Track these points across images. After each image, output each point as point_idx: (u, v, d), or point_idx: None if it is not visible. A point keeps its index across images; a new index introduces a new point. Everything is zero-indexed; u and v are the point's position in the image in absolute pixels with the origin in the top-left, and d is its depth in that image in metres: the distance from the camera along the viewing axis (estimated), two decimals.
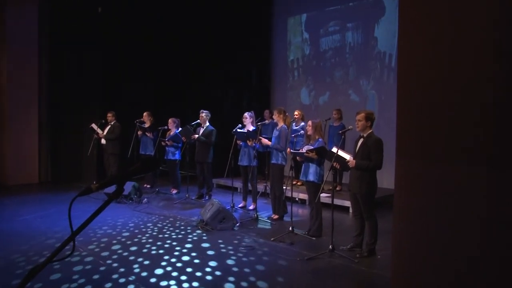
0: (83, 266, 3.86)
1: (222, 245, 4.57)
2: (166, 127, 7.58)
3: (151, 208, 6.38)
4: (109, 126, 7.96)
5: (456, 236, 2.03)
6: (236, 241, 4.75)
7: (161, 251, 4.34)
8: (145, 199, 6.86)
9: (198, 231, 5.12)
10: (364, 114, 4.16)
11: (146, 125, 7.86)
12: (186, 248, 4.47)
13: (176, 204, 6.77)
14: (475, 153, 1.95)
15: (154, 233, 5.04)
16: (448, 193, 2.05)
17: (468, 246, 1.96)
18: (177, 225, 5.44)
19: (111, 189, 1.42)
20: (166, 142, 7.37)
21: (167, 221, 5.64)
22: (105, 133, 7.90)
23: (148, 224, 5.45)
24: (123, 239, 4.76)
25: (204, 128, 7.03)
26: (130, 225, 5.42)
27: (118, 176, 1.34)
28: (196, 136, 6.91)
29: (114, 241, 4.68)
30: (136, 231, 5.15)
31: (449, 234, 2.06)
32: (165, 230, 5.19)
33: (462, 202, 2.00)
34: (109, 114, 7.97)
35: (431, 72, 2.15)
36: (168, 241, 4.70)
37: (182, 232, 5.09)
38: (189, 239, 4.81)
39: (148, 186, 8.11)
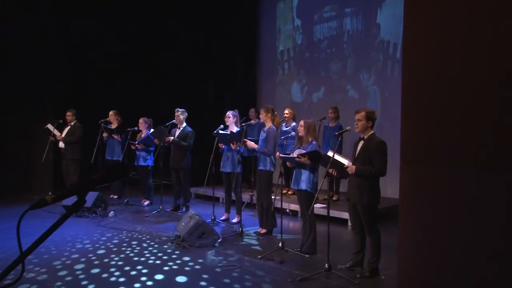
0: None
1: (201, 264, 4.54)
2: (136, 128, 7.54)
3: (118, 223, 6.31)
4: (69, 127, 7.85)
5: (471, 248, 2.05)
6: (217, 260, 4.73)
7: (129, 273, 4.28)
8: (112, 212, 6.78)
9: (174, 248, 5.09)
10: (364, 113, 4.20)
11: (113, 126, 7.79)
12: (158, 268, 4.42)
13: (148, 217, 6.73)
14: (491, 158, 1.98)
15: (122, 253, 4.97)
16: (462, 202, 2.07)
17: (486, 259, 1.99)
18: (149, 241, 5.39)
19: (70, 200, 1.40)
20: (136, 145, 7.32)
21: (137, 237, 5.60)
22: (63, 135, 7.80)
23: (114, 241, 5.40)
24: (84, 259, 4.70)
25: (181, 129, 7.00)
26: (93, 243, 5.34)
27: (79, 185, 1.32)
28: (171, 138, 6.88)
29: (73, 263, 4.60)
30: (100, 250, 5.08)
31: (463, 247, 2.08)
32: (134, 247, 5.14)
33: (478, 213, 2.03)
34: (68, 113, 7.86)
35: (441, 67, 2.18)
36: (138, 260, 4.65)
37: (155, 250, 5.04)
38: (163, 258, 4.77)
39: (115, 197, 8.04)
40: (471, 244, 2.02)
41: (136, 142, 7.36)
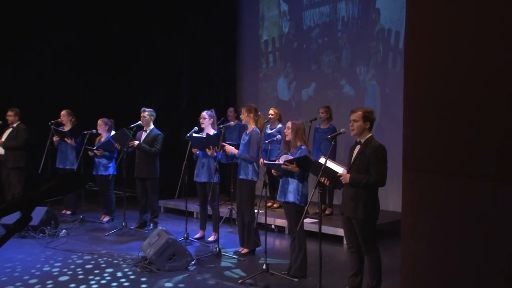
0: None
1: None
2: (94, 130, 7.47)
3: (72, 244, 6.23)
4: (10, 129, 7.72)
5: (484, 270, 2.08)
6: (191, 285, 4.68)
7: None
8: (63, 231, 6.69)
9: (139, 273, 5.03)
10: (361, 113, 4.24)
11: (66, 128, 7.71)
12: None
13: (108, 236, 6.67)
14: (505, 167, 2.01)
15: (76, 281, 4.89)
16: (474, 216, 2.10)
17: (503, 284, 2.02)
18: (109, 265, 5.33)
19: (11, 218, 1.36)
20: (95, 151, 7.24)
21: (95, 261, 5.53)
22: (3, 139, 7.66)
23: (67, 266, 5.31)
24: None
25: (148, 132, 6.97)
26: (40, 269, 5.24)
27: (23, 199, 1.29)
28: (137, 143, 6.83)
29: None
30: (48, 278, 4.98)
31: (475, 269, 2.11)
32: (91, 273, 5.07)
33: (492, 229, 2.05)
34: (9, 113, 7.72)
35: (448, 63, 2.21)
36: None
37: (117, 275, 4.98)
38: (126, 285, 4.71)
39: (68, 212, 7.94)
40: (484, 265, 2.05)
41: (95, 148, 7.29)
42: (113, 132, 7.39)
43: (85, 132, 7.44)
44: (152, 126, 7.01)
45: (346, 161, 4.36)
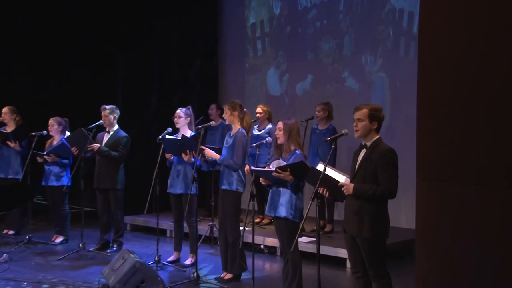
0: None
1: None
2: (44, 132, 7.41)
3: (15, 271, 6.15)
4: None
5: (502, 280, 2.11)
6: None
7: None
8: (4, 255, 6.61)
9: None
10: (367, 111, 4.25)
11: (8, 129, 7.64)
12: None
13: (62, 261, 6.61)
14: None
15: None
16: (496, 229, 2.12)
17: None
18: None
19: None
20: (45, 157, 7.19)
21: None
22: None
23: None
24: None
25: (111, 134, 6.94)
26: None
27: None
28: (97, 146, 6.80)
29: None
30: None
31: (492, 280, 2.14)
32: None
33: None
34: None
35: (465, 60, 2.24)
36: None
37: None
38: None
39: (11, 232, 7.85)
40: (504, 275, 2.07)
41: (45, 152, 7.22)
42: (68, 134, 7.33)
43: (33, 133, 7.37)
44: (116, 127, 6.97)
45: (349, 168, 4.37)
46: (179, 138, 6.09)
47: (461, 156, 2.25)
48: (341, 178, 4.30)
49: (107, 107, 6.95)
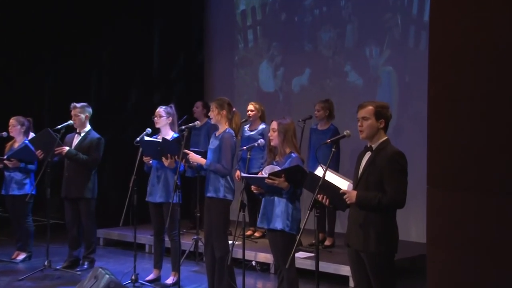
0: None
1: None
2: (4, 133, 7.41)
3: None
4: None
5: None
6: None
7: None
8: None
9: None
10: (372, 109, 4.24)
11: None
12: None
13: (24, 281, 6.57)
14: None
15: None
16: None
17: None
18: None
19: None
20: (6, 161, 7.15)
21: None
22: None
23: None
24: None
25: (82, 135, 6.92)
26: None
27: None
28: (66, 149, 6.77)
29: None
30: None
31: None
32: None
33: None
34: None
35: (484, 52, 2.24)
36: None
37: None
38: None
39: None
40: None
41: (5, 157, 7.19)
42: (32, 135, 7.29)
43: None
44: (88, 127, 6.95)
45: (352, 173, 4.38)
46: (160, 140, 6.07)
47: (477, 161, 2.25)
48: (343, 184, 4.30)
49: (78, 105, 6.91)
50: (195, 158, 5.79)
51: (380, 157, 4.16)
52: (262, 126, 7.41)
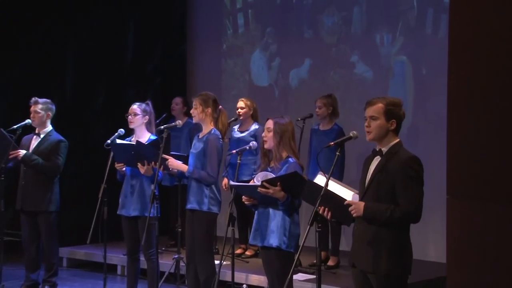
0: None
1: None
2: None
3: None
4: None
5: None
6: None
7: None
8: None
9: None
10: (382, 106, 4.25)
11: None
12: None
13: None
14: None
15: None
16: None
17: None
18: None
19: None
20: None
21: None
22: None
23: None
24: None
25: (43, 137, 6.90)
26: None
27: None
28: (23, 153, 6.76)
29: None
30: None
31: None
32: None
33: None
34: None
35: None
36: None
37: None
38: None
39: None
40: None
41: None
42: None
43: None
44: (49, 128, 6.94)
45: (358, 181, 4.40)
46: (134, 143, 6.07)
47: (503, 169, 2.28)
48: (348, 194, 4.31)
49: (40, 100, 6.89)
50: (175, 164, 5.79)
51: (391, 163, 4.17)
52: (254, 126, 7.41)
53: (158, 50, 9.93)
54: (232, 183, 5.30)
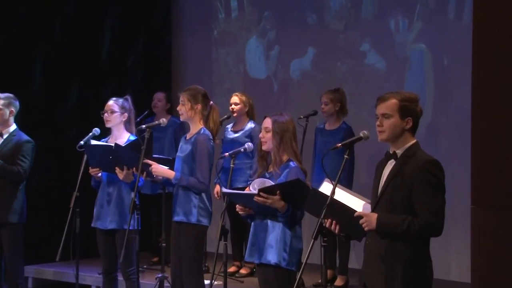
0: None
1: None
2: None
3: None
4: None
5: None
6: None
7: None
8: None
9: None
10: (396, 102, 4.25)
11: None
12: None
13: None
14: None
15: None
16: None
17: None
18: None
19: None
20: None
21: None
22: None
23: None
24: None
25: (5, 137, 6.90)
26: None
27: None
28: None
29: None
30: None
31: None
32: None
33: None
34: None
35: None
36: None
37: None
38: None
39: None
40: None
41: None
42: None
43: None
44: (13, 127, 6.94)
45: (370, 189, 4.40)
46: (111, 145, 6.06)
47: None
48: (358, 204, 4.32)
49: (1, 95, 6.89)
50: (160, 170, 5.78)
51: (407, 167, 4.17)
52: (250, 125, 7.42)
53: (140, 39, 9.90)
54: (224, 190, 5.28)
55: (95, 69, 9.56)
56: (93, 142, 6.15)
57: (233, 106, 7.47)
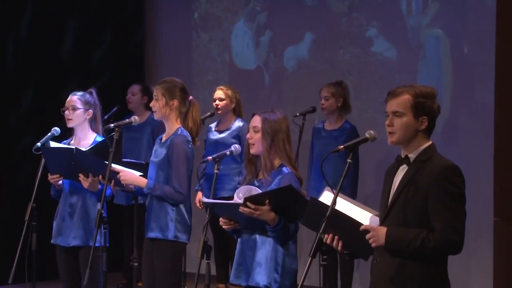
0: None
1: None
2: None
3: None
4: None
5: None
6: None
7: None
8: None
9: None
10: (409, 98, 4.25)
11: None
12: None
13: None
14: None
15: None
16: None
17: None
18: None
19: None
20: None
21: None
22: None
23: None
24: None
25: None
26: None
27: None
28: None
29: None
30: None
31: None
32: None
33: None
34: None
35: None
36: None
37: None
38: None
39: None
40: None
41: None
42: None
43: None
44: None
45: (377, 199, 4.40)
46: (73, 148, 6.05)
47: None
48: (364, 216, 4.32)
49: None
50: (129, 177, 5.77)
51: (422, 174, 4.18)
52: (237, 123, 7.43)
53: (107, 22, 9.91)
54: (205, 200, 5.28)
55: (53, 53, 9.54)
56: (53, 144, 6.12)
57: (217, 101, 7.49)
